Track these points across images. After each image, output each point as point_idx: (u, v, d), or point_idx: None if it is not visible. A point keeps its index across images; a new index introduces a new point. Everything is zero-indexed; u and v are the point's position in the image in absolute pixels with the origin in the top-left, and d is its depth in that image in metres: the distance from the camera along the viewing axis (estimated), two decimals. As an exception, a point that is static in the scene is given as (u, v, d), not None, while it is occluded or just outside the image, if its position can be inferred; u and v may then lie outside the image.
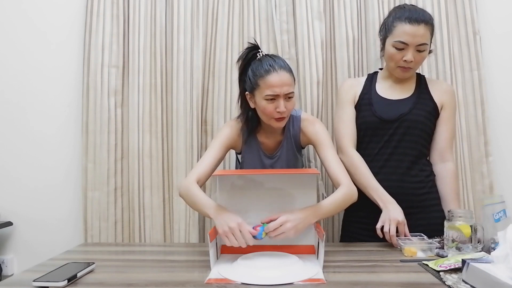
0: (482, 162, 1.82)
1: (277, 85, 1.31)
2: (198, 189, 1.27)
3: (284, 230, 1.13)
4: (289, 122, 1.47)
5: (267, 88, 1.31)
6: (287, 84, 1.32)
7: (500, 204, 1.26)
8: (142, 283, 1.02)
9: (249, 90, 1.39)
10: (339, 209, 1.29)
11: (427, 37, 1.43)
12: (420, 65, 1.52)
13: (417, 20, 1.41)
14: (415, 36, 1.40)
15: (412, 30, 1.40)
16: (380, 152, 1.51)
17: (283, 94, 1.32)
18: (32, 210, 1.98)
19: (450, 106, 1.54)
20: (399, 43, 1.43)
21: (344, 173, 1.34)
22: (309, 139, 1.46)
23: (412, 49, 1.42)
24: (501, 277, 0.85)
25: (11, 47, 1.99)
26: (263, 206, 1.22)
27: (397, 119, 1.49)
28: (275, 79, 1.31)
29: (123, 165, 1.89)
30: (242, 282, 1.01)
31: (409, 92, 1.54)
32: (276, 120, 1.36)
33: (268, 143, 1.50)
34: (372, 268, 1.12)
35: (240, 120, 1.48)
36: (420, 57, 1.45)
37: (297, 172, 1.39)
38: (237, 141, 1.48)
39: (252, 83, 1.36)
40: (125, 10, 1.90)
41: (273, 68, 1.32)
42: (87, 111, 1.88)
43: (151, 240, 1.87)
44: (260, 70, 1.33)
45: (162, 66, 1.90)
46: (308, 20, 1.84)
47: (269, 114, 1.35)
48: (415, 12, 1.45)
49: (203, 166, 1.35)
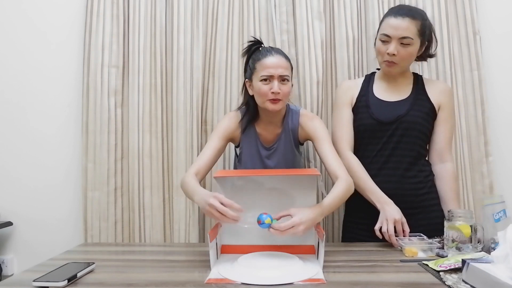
0: (482, 162, 1.82)
1: (272, 66, 1.37)
2: (192, 179, 1.29)
3: (295, 232, 1.12)
4: (288, 115, 1.50)
5: (263, 70, 1.38)
6: (282, 66, 1.38)
7: (500, 204, 1.26)
8: (142, 283, 1.02)
9: (248, 77, 1.45)
10: (340, 203, 1.31)
11: (411, 31, 1.42)
12: (407, 62, 1.50)
13: (401, 13, 1.43)
14: (397, 28, 1.41)
15: (395, 23, 1.42)
16: (378, 154, 1.51)
17: (277, 75, 1.37)
18: (32, 210, 1.98)
19: (448, 106, 1.54)
20: (383, 35, 1.45)
21: (341, 166, 1.36)
22: (307, 134, 1.48)
23: (395, 42, 1.43)
24: (501, 277, 0.85)
25: (11, 47, 1.99)
26: (263, 207, 1.22)
27: (394, 121, 1.49)
28: (270, 61, 1.38)
29: (123, 165, 1.90)
30: (242, 282, 1.01)
31: (406, 93, 1.54)
32: (271, 101, 1.38)
33: (266, 135, 1.51)
34: (372, 268, 1.12)
35: (240, 111, 1.51)
36: (405, 52, 1.44)
37: (297, 172, 1.39)
38: (235, 132, 1.50)
39: (251, 69, 1.43)
40: (125, 10, 1.90)
41: (270, 52, 1.41)
42: (87, 111, 1.88)
43: (151, 240, 1.87)
44: (258, 56, 1.42)
45: (162, 66, 1.90)
46: (308, 20, 1.84)
47: (264, 94, 1.38)
48: (403, 7, 1.48)
49: (203, 159, 1.39)
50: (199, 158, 1.40)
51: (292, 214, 1.15)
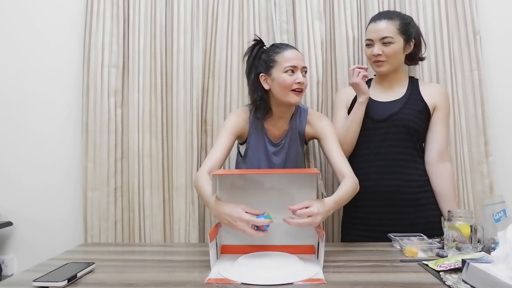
0: (482, 162, 1.82)
1: (296, 58, 1.42)
2: (205, 181, 1.28)
3: (312, 223, 1.12)
4: (297, 113, 1.52)
5: (286, 62, 1.40)
6: (301, 59, 1.45)
7: (500, 204, 1.26)
8: (142, 283, 1.02)
9: (265, 71, 1.45)
10: (347, 200, 1.32)
11: (390, 30, 1.51)
12: (395, 59, 1.55)
13: (378, 17, 1.55)
14: (376, 31, 1.52)
15: (374, 27, 1.54)
16: (373, 152, 1.55)
17: (300, 67, 1.41)
18: (32, 210, 1.98)
19: (443, 106, 1.58)
20: (367, 40, 1.57)
21: (348, 165, 1.38)
22: (315, 133, 1.51)
23: (377, 44, 1.52)
24: (501, 277, 0.85)
25: (11, 47, 1.99)
26: (263, 206, 1.22)
27: (386, 119, 1.53)
28: (292, 53, 1.43)
29: (123, 165, 1.89)
30: (242, 282, 1.01)
31: (400, 94, 1.59)
32: (295, 93, 1.41)
33: (274, 131, 1.52)
34: (372, 268, 1.12)
35: (249, 107, 1.52)
36: (389, 50, 1.52)
37: (297, 172, 1.39)
38: (243, 128, 1.50)
39: (268, 63, 1.44)
40: (125, 10, 1.90)
41: (287, 46, 1.47)
42: (87, 111, 1.88)
43: (151, 240, 1.87)
44: (275, 49, 1.44)
45: (162, 66, 1.90)
46: (308, 20, 1.84)
47: (289, 85, 1.40)
48: (382, 13, 1.59)
49: (214, 156, 1.39)
50: (211, 156, 1.39)
51: (309, 205, 1.14)
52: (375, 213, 1.53)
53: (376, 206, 1.53)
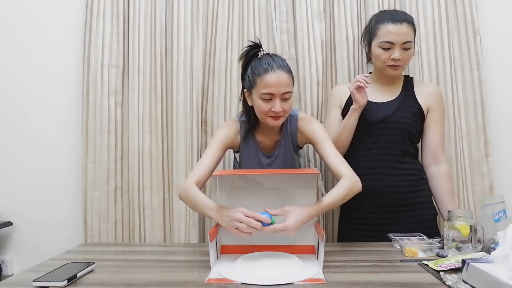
0: (482, 162, 1.82)
1: (274, 85, 1.30)
2: (198, 191, 1.26)
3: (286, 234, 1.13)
4: (287, 121, 1.47)
5: (264, 88, 1.31)
6: (284, 84, 1.31)
7: (500, 204, 1.26)
8: (142, 283, 1.02)
9: (247, 88, 1.39)
10: (342, 201, 1.28)
11: (410, 35, 1.49)
12: (407, 64, 1.56)
13: (399, 19, 1.48)
14: (399, 34, 1.47)
15: (395, 29, 1.47)
16: (368, 153, 1.55)
17: (279, 94, 1.31)
18: (32, 210, 1.98)
19: (437, 108, 1.58)
20: (385, 43, 1.48)
21: (345, 164, 1.33)
22: (306, 138, 1.46)
23: (398, 48, 1.47)
24: (501, 277, 0.85)
25: (11, 47, 1.99)
26: (263, 206, 1.22)
27: (381, 120, 1.53)
28: (272, 78, 1.30)
29: (123, 165, 1.89)
30: (242, 282, 1.01)
31: (395, 95, 1.58)
32: (272, 118, 1.35)
33: (266, 142, 1.50)
34: (372, 268, 1.12)
35: (238, 119, 1.48)
36: (406, 55, 1.50)
37: (297, 172, 1.39)
38: (234, 140, 1.47)
39: (250, 81, 1.36)
40: (125, 10, 1.90)
41: (271, 67, 1.31)
42: (87, 111, 1.88)
43: (151, 240, 1.87)
44: (258, 69, 1.33)
45: (162, 66, 1.90)
46: (308, 20, 1.84)
47: (264, 113, 1.35)
48: (396, 13, 1.53)
49: (202, 168, 1.34)
50: (198, 167, 1.35)
51: (286, 216, 1.15)
52: (371, 213, 1.54)
53: (371, 206, 1.53)
